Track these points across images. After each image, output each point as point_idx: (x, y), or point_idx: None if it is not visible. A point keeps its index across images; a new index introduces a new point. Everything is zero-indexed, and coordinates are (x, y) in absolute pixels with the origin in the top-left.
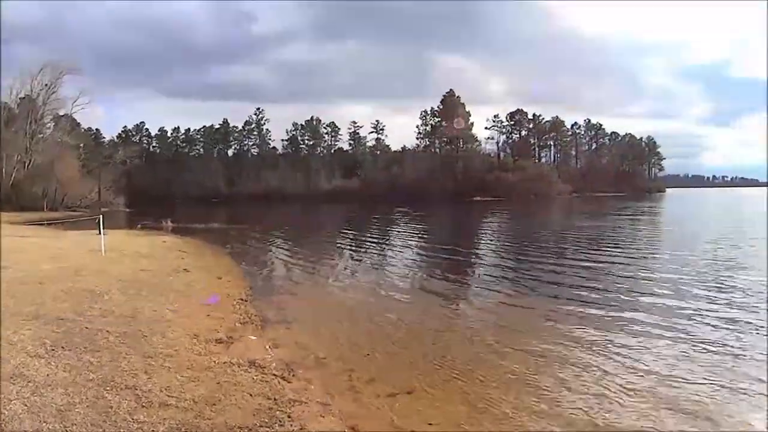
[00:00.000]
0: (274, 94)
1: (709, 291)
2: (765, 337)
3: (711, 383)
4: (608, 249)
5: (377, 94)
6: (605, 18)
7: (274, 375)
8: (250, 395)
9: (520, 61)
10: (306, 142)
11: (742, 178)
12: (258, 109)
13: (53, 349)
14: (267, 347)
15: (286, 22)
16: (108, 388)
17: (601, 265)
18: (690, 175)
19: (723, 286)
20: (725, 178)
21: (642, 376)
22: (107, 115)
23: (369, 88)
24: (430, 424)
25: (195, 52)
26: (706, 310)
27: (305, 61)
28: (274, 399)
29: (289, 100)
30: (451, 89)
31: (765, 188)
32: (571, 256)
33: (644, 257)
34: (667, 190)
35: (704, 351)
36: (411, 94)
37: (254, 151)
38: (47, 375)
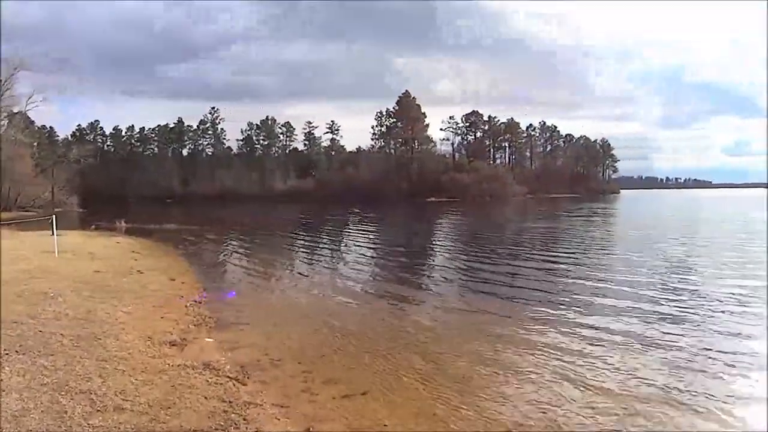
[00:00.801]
0: (230, 93)
1: (661, 292)
2: (719, 336)
3: (665, 384)
4: (561, 250)
5: (332, 94)
6: (561, 22)
7: (229, 377)
8: (205, 398)
9: (476, 62)
10: (261, 141)
11: (695, 179)
12: (213, 108)
13: (7, 353)
14: (221, 349)
15: (240, 20)
16: (63, 393)
17: (554, 266)
18: (644, 177)
19: (672, 287)
20: (678, 180)
21: (594, 377)
22: (62, 113)
23: (324, 88)
24: (385, 425)
25: (149, 50)
26: (654, 311)
27: (261, 61)
28: (229, 402)
29: (244, 100)
30: (407, 90)
31: (717, 190)
32: (524, 258)
33: (597, 259)
34: (621, 191)
35: (654, 352)
36: (366, 95)
37: (209, 150)
38: (1, 380)
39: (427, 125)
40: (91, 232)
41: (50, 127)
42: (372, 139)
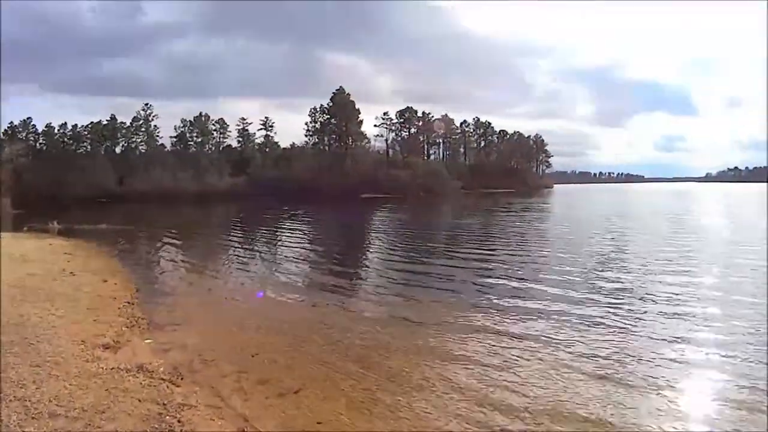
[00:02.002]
0: (162, 89)
1: (589, 292)
2: (643, 338)
3: (599, 379)
4: (494, 245)
5: (265, 91)
6: (495, 20)
7: (162, 379)
8: (139, 401)
9: (410, 59)
10: (195, 139)
11: (628, 174)
12: (146, 104)
13: None
14: (155, 351)
15: (173, 15)
16: None
17: (487, 260)
18: (577, 172)
19: (601, 286)
20: (611, 175)
21: (525, 372)
22: None
23: (257, 84)
24: (319, 423)
25: (80, 44)
26: (580, 313)
27: (193, 56)
28: (164, 404)
29: (177, 96)
30: (341, 86)
31: (649, 184)
32: (458, 253)
33: (528, 253)
34: (554, 186)
35: (586, 352)
36: (299, 92)
37: (142, 148)
38: None
39: (361, 121)
40: (24, 233)
41: None
42: (306, 136)
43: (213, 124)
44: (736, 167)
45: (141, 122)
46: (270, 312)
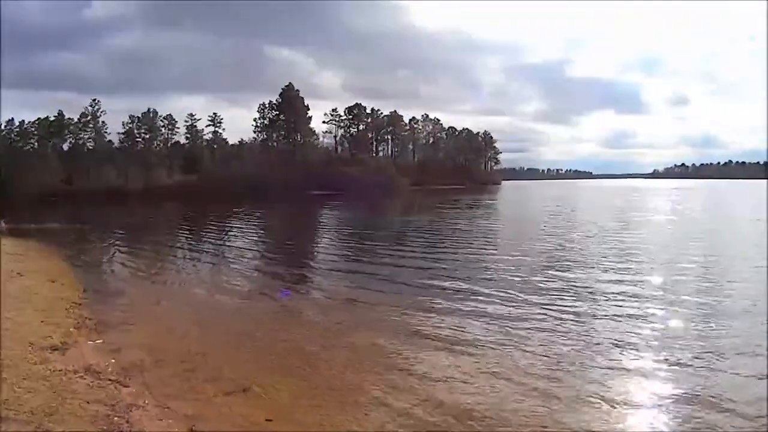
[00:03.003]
0: (107, 84)
1: (531, 288)
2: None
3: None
4: (438, 244)
5: (212, 86)
6: (443, 16)
7: (111, 380)
8: (87, 402)
9: (357, 55)
10: (143, 135)
11: (576, 170)
12: (94, 100)
13: None
14: (103, 352)
15: (119, 8)
16: None
17: (431, 260)
18: (526, 168)
19: (542, 283)
20: (560, 171)
21: (473, 372)
22: None
23: (203, 79)
24: (268, 420)
25: (23, 38)
26: (530, 304)
27: (138, 50)
28: (112, 405)
29: (123, 91)
30: (290, 83)
31: (597, 180)
32: (401, 253)
33: (470, 252)
34: (503, 182)
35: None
36: (246, 87)
37: (90, 144)
38: None
39: (310, 118)
40: None
41: None
42: (255, 132)
43: (161, 121)
44: (683, 164)
45: (89, 118)
46: (219, 310)
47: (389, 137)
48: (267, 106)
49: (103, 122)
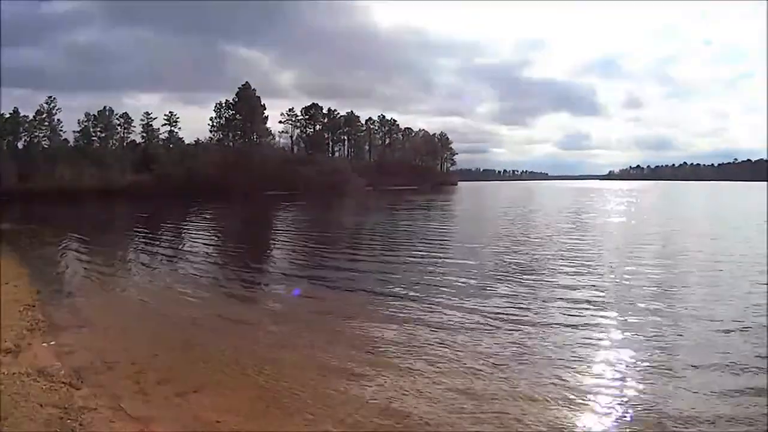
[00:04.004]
0: (65, 81)
1: (487, 291)
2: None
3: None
4: (397, 244)
5: (167, 84)
6: (398, 16)
7: (63, 383)
8: (41, 406)
9: (313, 54)
10: (99, 134)
11: (532, 172)
12: (49, 97)
13: None
14: (56, 354)
15: (76, 3)
16: None
17: (390, 259)
18: (481, 170)
19: (494, 287)
20: (516, 173)
21: (433, 373)
22: None
23: (158, 77)
24: (218, 422)
25: None
26: (485, 306)
27: (94, 47)
28: (65, 408)
29: (80, 89)
30: (246, 82)
31: (552, 182)
32: (358, 253)
33: (431, 251)
34: (459, 183)
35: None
36: (201, 85)
37: (45, 143)
38: None
39: (266, 117)
40: None
41: None
42: (211, 132)
43: (117, 119)
44: (638, 165)
45: (44, 116)
46: (172, 311)
47: (345, 138)
48: (224, 105)
49: (58, 120)
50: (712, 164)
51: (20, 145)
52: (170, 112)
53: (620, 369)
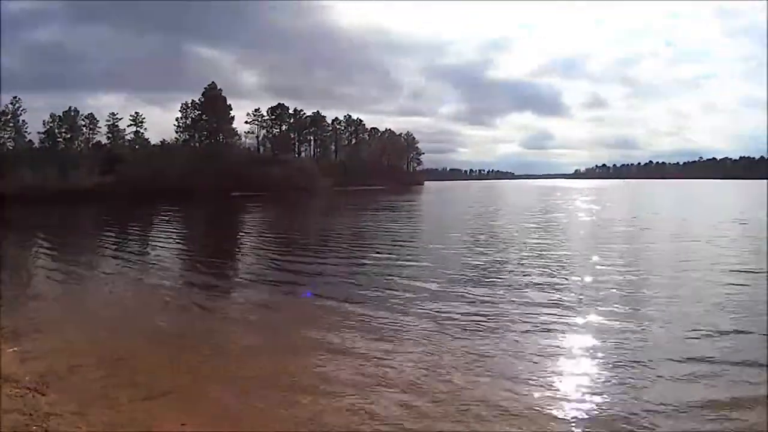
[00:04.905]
0: (28, 81)
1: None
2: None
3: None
4: (364, 244)
5: (131, 84)
6: (363, 16)
7: (29, 389)
8: (5, 412)
9: (278, 55)
10: (63, 135)
11: (498, 171)
12: (15, 98)
13: None
14: (21, 359)
15: (38, 2)
16: None
17: (358, 261)
18: (448, 169)
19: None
20: (482, 172)
21: (395, 377)
22: None
23: (123, 77)
24: (183, 424)
25: None
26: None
27: (56, 46)
28: (30, 414)
29: (43, 89)
30: (213, 82)
31: (518, 181)
32: (331, 253)
33: (396, 252)
34: (425, 183)
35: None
36: (166, 85)
37: (10, 144)
38: None
39: (233, 118)
40: None
41: None
42: (177, 132)
43: (82, 120)
44: (603, 164)
45: (9, 117)
46: (138, 314)
47: (312, 138)
48: (189, 105)
49: (23, 121)
50: (677, 163)
51: None
52: (136, 112)
53: (586, 370)
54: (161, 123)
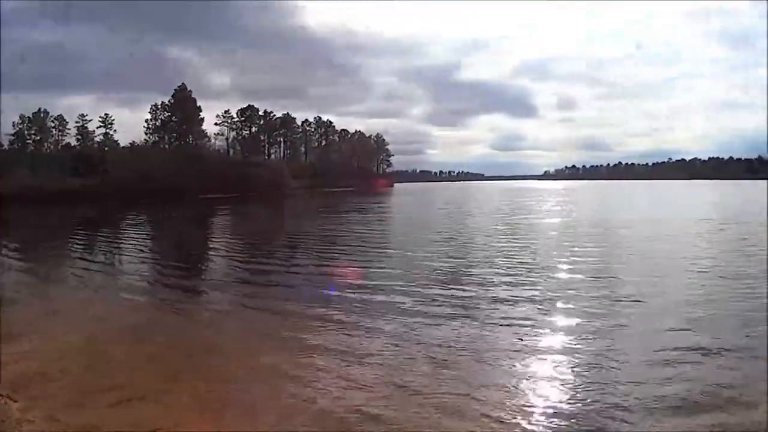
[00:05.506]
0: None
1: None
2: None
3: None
4: (334, 246)
5: (100, 85)
6: (332, 17)
7: (1, 395)
8: None
9: (248, 56)
10: (33, 137)
11: (468, 172)
12: None
13: None
14: None
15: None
16: None
17: (327, 262)
18: (418, 170)
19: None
20: (452, 173)
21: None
22: None
23: (91, 77)
24: (157, 429)
25: None
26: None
27: (25, 45)
28: (2, 420)
29: (9, 90)
30: (183, 83)
31: (488, 182)
32: (301, 255)
33: (367, 255)
34: (395, 184)
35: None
36: (135, 86)
37: None
38: None
39: (202, 119)
40: None
41: None
42: (146, 134)
43: (51, 121)
44: (574, 165)
45: None
46: (112, 317)
47: (282, 139)
48: (159, 107)
49: None
50: (647, 163)
51: None
52: (106, 114)
53: (554, 374)
54: (131, 124)
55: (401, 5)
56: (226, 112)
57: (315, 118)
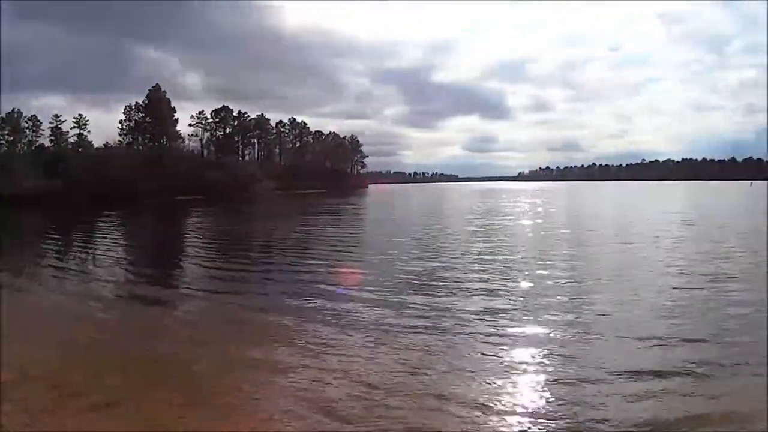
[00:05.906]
0: None
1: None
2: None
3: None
4: (307, 249)
5: (72, 85)
6: (307, 18)
7: None
8: None
9: (222, 56)
10: (6, 138)
11: (442, 174)
12: None
13: None
14: None
15: None
16: None
17: (294, 268)
18: (392, 172)
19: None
20: (426, 175)
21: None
22: None
23: (63, 77)
24: None
25: None
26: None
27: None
28: None
29: None
30: (157, 84)
31: (462, 183)
32: (274, 258)
33: (338, 256)
34: (369, 186)
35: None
36: (108, 87)
37: None
38: None
39: (176, 120)
40: None
41: None
42: (120, 135)
43: (25, 122)
44: (548, 167)
45: None
46: (85, 322)
47: (256, 141)
48: (133, 107)
49: None
50: (620, 165)
51: None
52: (80, 114)
53: (527, 384)
54: (104, 125)
55: (375, 6)
56: (200, 113)
57: (289, 119)
